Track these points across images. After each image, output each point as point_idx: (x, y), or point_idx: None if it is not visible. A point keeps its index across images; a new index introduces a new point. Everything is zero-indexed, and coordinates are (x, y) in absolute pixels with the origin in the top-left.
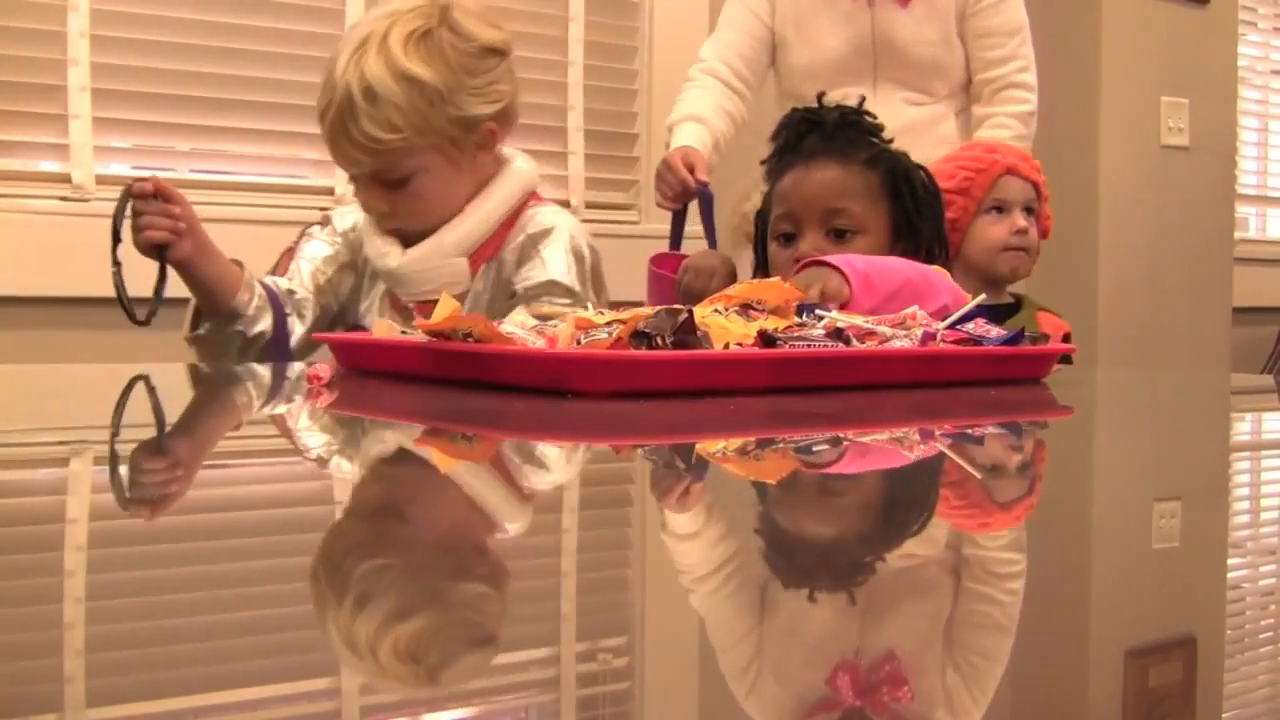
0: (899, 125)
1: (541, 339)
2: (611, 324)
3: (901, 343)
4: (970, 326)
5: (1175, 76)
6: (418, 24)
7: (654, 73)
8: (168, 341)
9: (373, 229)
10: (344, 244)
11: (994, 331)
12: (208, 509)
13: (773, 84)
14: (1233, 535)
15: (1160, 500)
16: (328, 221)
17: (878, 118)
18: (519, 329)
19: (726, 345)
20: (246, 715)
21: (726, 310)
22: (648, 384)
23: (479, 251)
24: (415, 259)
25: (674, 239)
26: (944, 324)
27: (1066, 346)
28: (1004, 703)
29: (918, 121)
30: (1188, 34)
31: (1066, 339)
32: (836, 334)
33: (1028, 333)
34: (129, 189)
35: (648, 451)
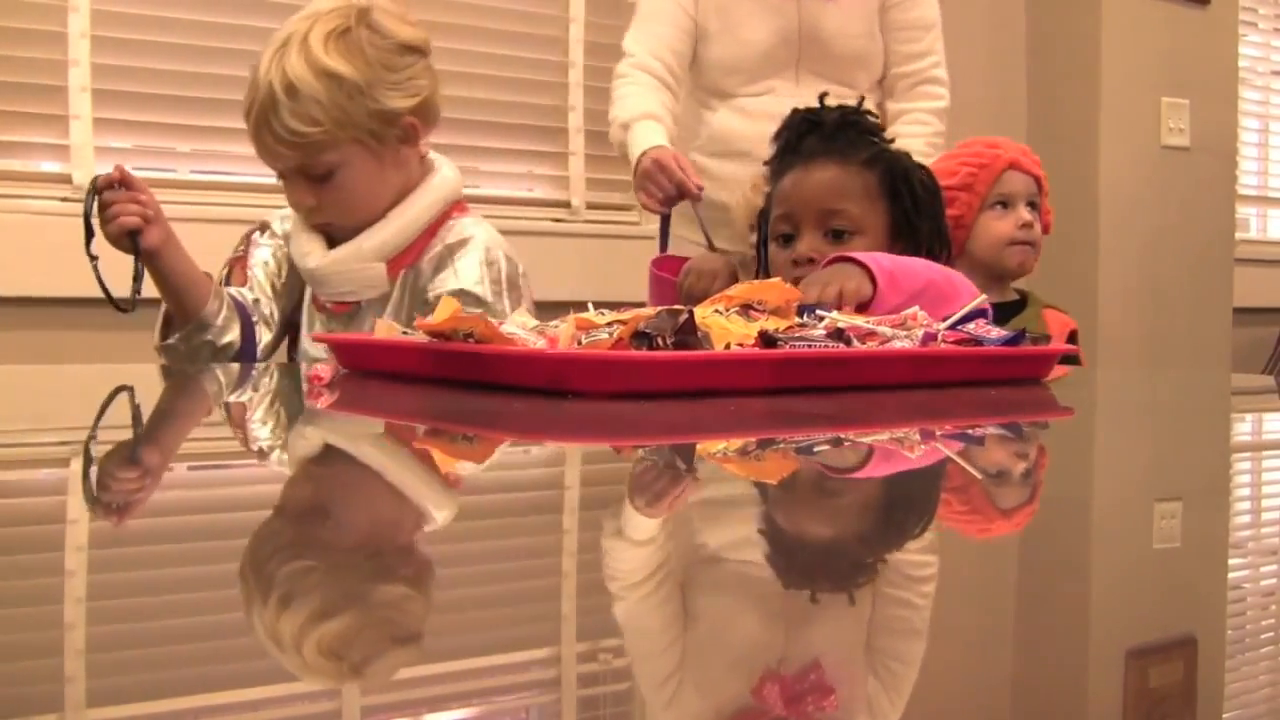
0: None
1: (542, 339)
2: (612, 324)
3: (902, 343)
4: (971, 327)
5: (1175, 77)
6: (337, 23)
7: None
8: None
9: (301, 227)
10: (288, 246)
11: (994, 332)
12: (207, 509)
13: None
14: (1233, 536)
15: (1161, 501)
16: (266, 227)
17: (878, 117)
18: (520, 329)
19: (727, 346)
20: (247, 715)
21: (727, 311)
22: (648, 385)
23: (398, 258)
24: (334, 260)
25: (663, 241)
26: (945, 324)
27: (1068, 347)
28: (1005, 703)
29: None
30: (1188, 34)
31: (1073, 336)
32: (837, 334)
33: (1030, 332)
34: (94, 182)
35: (648, 452)
